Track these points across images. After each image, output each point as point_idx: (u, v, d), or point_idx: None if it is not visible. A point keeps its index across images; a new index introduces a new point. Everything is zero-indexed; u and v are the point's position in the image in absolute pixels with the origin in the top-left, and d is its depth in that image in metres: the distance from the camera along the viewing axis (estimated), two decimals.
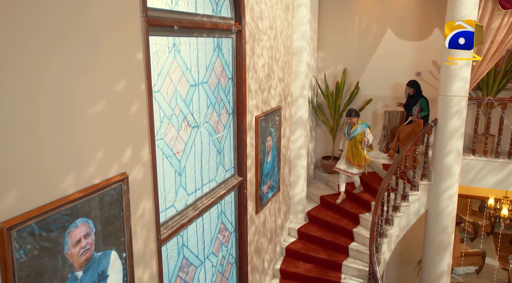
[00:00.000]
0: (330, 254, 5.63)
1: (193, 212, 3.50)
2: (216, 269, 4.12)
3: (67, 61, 2.08)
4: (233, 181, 4.25)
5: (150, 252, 2.89)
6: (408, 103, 6.35)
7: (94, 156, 2.30)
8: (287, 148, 6.00)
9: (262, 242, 5.16)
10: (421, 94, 6.28)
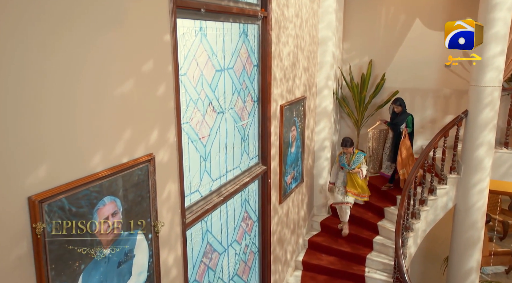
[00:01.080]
0: (354, 247, 5.54)
1: (217, 198, 3.49)
2: (239, 258, 4.11)
3: (99, 39, 2.09)
4: (257, 170, 4.22)
5: (175, 235, 2.89)
6: (396, 122, 5.87)
7: (122, 135, 2.31)
8: (311, 139, 5.93)
9: (285, 233, 5.11)
10: (406, 111, 5.89)
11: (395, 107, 5.89)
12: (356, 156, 5.37)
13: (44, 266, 1.87)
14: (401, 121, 5.81)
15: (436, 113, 7.02)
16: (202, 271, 3.44)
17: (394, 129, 5.93)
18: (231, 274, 3.96)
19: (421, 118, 7.07)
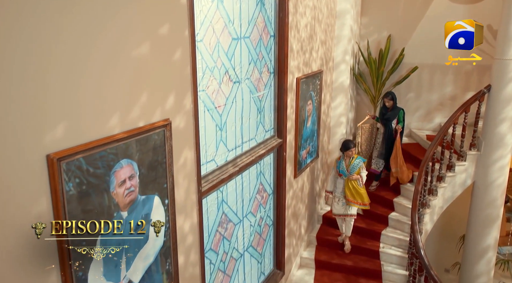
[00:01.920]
0: (369, 223, 5.51)
1: (233, 168, 3.47)
2: (254, 229, 4.12)
3: (115, 0, 2.04)
4: (272, 142, 4.18)
5: (191, 202, 2.89)
6: (388, 117, 5.59)
7: (138, 98, 2.29)
8: (327, 115, 5.85)
9: (300, 208, 5.11)
10: (397, 106, 5.66)
11: (386, 101, 5.58)
12: (355, 161, 4.93)
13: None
14: (393, 116, 5.55)
15: (456, 90, 6.84)
16: (217, 240, 3.46)
17: (385, 124, 5.62)
18: (246, 245, 3.99)
19: (440, 96, 6.91)
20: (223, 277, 3.62)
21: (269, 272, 4.60)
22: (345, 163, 4.98)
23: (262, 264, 4.40)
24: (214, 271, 3.46)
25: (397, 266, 5.12)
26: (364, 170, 4.98)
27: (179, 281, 2.80)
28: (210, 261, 3.36)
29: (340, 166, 5.02)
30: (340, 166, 5.02)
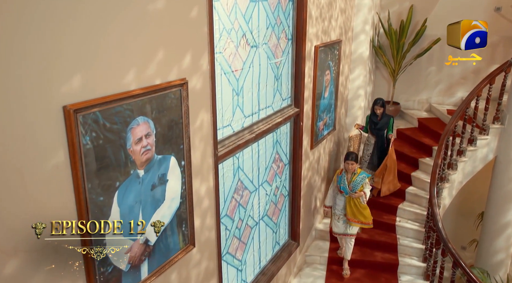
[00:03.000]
0: (385, 197, 5.43)
1: (249, 135, 3.43)
2: (270, 199, 4.10)
3: None
4: (289, 111, 4.10)
5: (208, 166, 2.87)
6: (380, 127, 5.15)
7: (155, 55, 2.23)
8: (345, 87, 5.72)
9: (315, 180, 5.06)
10: (386, 114, 5.22)
11: (377, 108, 5.11)
12: (358, 177, 4.38)
13: (81, 177, 1.87)
14: (384, 125, 5.15)
15: (480, 63, 6.55)
16: (233, 207, 3.45)
17: (377, 134, 5.21)
18: (262, 214, 3.98)
19: (462, 69, 6.68)
20: (238, 244, 3.63)
21: (284, 243, 4.60)
22: (346, 178, 4.44)
23: (277, 234, 4.39)
24: (229, 237, 3.47)
25: (413, 240, 5.07)
26: (368, 185, 4.45)
27: (195, 244, 2.80)
28: (225, 227, 3.36)
29: (341, 182, 4.45)
30: (341, 182, 4.45)
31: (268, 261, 4.26)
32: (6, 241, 1.63)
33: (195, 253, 2.86)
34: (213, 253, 3.09)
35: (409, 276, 4.82)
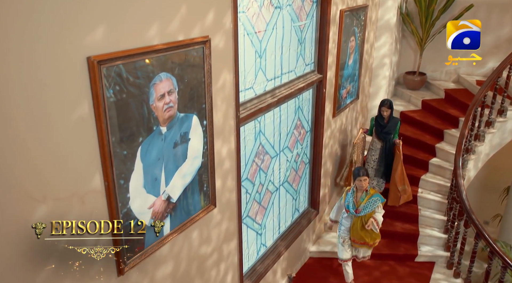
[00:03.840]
0: (408, 168, 5.32)
1: (271, 99, 3.39)
2: (290, 165, 4.09)
3: None
4: (312, 77, 4.02)
5: (229, 127, 2.86)
6: (387, 130, 4.71)
7: (178, 10, 2.19)
8: (370, 55, 5.55)
9: (337, 148, 5.01)
10: (393, 116, 4.79)
11: (384, 110, 4.66)
12: (370, 200, 3.81)
13: (105, 129, 1.89)
14: (393, 127, 4.71)
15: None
16: (254, 171, 3.46)
17: (384, 138, 4.77)
18: (282, 180, 3.98)
19: (495, 37, 6.35)
20: (258, 208, 3.66)
21: (304, 210, 4.62)
22: (355, 196, 3.87)
23: (297, 201, 4.41)
24: (250, 201, 3.49)
25: (435, 211, 5.01)
26: (381, 209, 3.88)
27: (216, 204, 2.84)
28: (246, 190, 3.38)
29: (349, 199, 3.88)
30: (349, 199, 3.88)
31: (288, 227, 4.30)
32: (36, 188, 1.68)
33: (216, 213, 2.90)
34: (233, 214, 3.13)
35: (429, 247, 4.79)
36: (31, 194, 1.66)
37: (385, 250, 4.72)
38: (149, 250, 2.32)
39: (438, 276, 4.51)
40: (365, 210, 3.82)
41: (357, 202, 3.85)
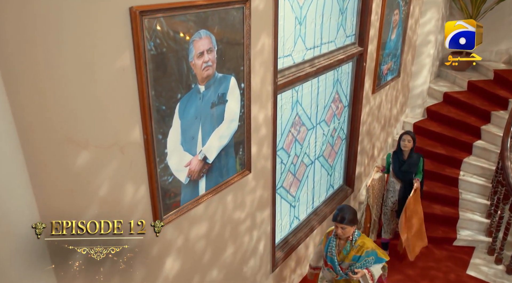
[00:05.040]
0: (450, 151, 5.14)
1: (310, 68, 3.32)
2: (327, 139, 4.02)
3: None
4: (352, 49, 3.90)
5: (267, 93, 2.83)
6: (406, 169, 3.91)
7: None
8: (414, 31, 5.32)
9: (375, 127, 4.87)
10: (415, 151, 3.98)
11: (405, 143, 3.86)
12: (364, 256, 2.85)
13: (145, 82, 1.91)
14: (413, 165, 3.90)
15: None
16: (289, 141, 3.42)
17: (403, 178, 3.94)
18: (317, 154, 3.92)
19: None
20: (292, 180, 3.63)
21: (338, 187, 4.55)
22: (337, 245, 2.94)
23: (332, 177, 4.34)
24: (284, 172, 3.47)
25: (477, 195, 4.79)
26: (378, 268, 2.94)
27: (251, 169, 2.83)
28: (281, 160, 3.36)
29: (329, 250, 2.96)
30: (329, 250, 2.96)
31: (321, 203, 4.25)
32: (79, 134, 1.73)
33: (251, 179, 2.90)
34: (268, 183, 3.12)
35: (469, 231, 4.61)
36: (74, 139, 1.71)
37: None
38: (184, 208, 2.36)
39: (478, 261, 4.34)
40: (353, 267, 2.89)
41: (339, 251, 2.92)
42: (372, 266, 2.89)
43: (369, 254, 2.87)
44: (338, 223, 2.82)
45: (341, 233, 2.83)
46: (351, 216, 2.81)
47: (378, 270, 2.93)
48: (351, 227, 2.81)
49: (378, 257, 2.90)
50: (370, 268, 2.90)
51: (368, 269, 2.89)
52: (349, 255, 2.89)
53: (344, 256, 2.91)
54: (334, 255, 2.94)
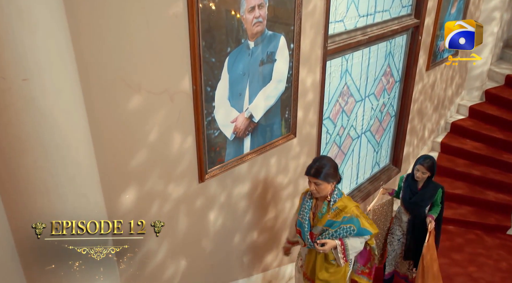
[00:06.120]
0: (508, 135, 4.82)
1: (362, 36, 3.21)
2: (375, 114, 3.90)
3: None
4: (408, 21, 3.73)
5: (316, 57, 2.78)
6: (416, 201, 2.99)
7: None
8: (477, 7, 4.99)
9: (427, 106, 4.66)
10: (433, 181, 3.00)
11: (420, 171, 2.92)
12: (343, 220, 2.23)
13: (197, 31, 1.93)
14: (427, 198, 2.99)
15: None
16: (336, 111, 3.36)
17: (412, 211, 3.05)
18: (365, 128, 3.82)
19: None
20: (337, 152, 3.57)
21: (384, 166, 4.41)
22: (313, 207, 2.34)
23: (378, 154, 4.22)
24: (329, 142, 3.42)
25: None
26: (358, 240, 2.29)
27: (296, 134, 2.81)
28: (327, 129, 3.31)
29: (304, 210, 2.35)
30: (304, 210, 2.35)
31: (366, 180, 4.15)
32: (132, 77, 1.79)
33: (295, 144, 2.89)
34: (312, 150, 3.09)
35: None
36: (127, 81, 1.77)
37: (472, 218, 4.36)
38: (229, 164, 2.40)
39: None
40: (327, 235, 2.25)
41: (314, 213, 2.32)
42: (349, 238, 2.25)
43: (348, 220, 2.22)
44: (311, 177, 2.21)
45: (316, 190, 2.21)
46: (329, 169, 2.19)
47: (356, 245, 2.27)
48: (328, 183, 2.20)
49: (361, 228, 2.24)
50: (345, 239, 2.24)
51: (341, 240, 2.24)
52: (323, 218, 2.25)
53: (318, 220, 2.28)
54: (306, 219, 2.30)
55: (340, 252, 2.26)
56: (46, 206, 1.50)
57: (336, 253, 2.28)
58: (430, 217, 2.97)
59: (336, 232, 2.24)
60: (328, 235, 2.25)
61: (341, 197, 2.28)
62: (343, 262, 2.31)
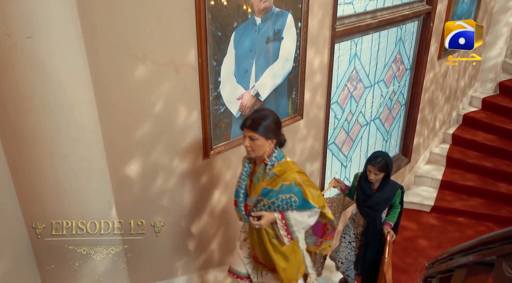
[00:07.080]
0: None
1: (371, 20, 3.18)
2: (384, 102, 3.85)
3: None
4: (419, 7, 3.68)
5: (324, 38, 2.76)
6: (371, 204, 2.57)
7: None
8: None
9: (438, 96, 4.59)
10: (390, 181, 2.60)
11: (372, 171, 2.49)
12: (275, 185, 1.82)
13: (203, 3, 1.93)
14: (383, 201, 2.59)
15: None
16: (345, 96, 3.33)
17: (366, 216, 2.65)
18: (374, 115, 3.78)
19: None
20: (345, 139, 3.54)
21: (394, 155, 4.36)
22: (251, 174, 1.97)
23: (387, 143, 4.17)
24: (337, 127, 3.39)
25: None
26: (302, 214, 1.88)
27: (303, 115, 2.80)
28: (335, 114, 3.28)
29: (240, 180, 1.97)
30: (240, 180, 1.97)
31: None
32: (137, 46, 1.79)
33: (302, 126, 2.87)
34: (319, 134, 3.07)
35: None
36: (133, 50, 1.78)
37: (483, 210, 4.28)
38: (234, 141, 2.39)
39: None
40: (263, 206, 1.86)
41: (252, 181, 1.93)
42: (291, 211, 1.84)
43: (287, 189, 1.81)
44: (247, 130, 1.77)
45: (250, 147, 1.78)
46: (270, 123, 1.77)
47: (302, 219, 1.86)
48: (267, 140, 1.78)
49: (303, 199, 1.82)
50: (286, 212, 1.83)
51: (282, 213, 1.83)
52: (258, 186, 1.86)
53: (254, 187, 1.88)
54: (242, 187, 1.91)
55: (282, 228, 1.84)
56: (49, 167, 1.51)
57: (278, 228, 1.85)
58: (388, 225, 2.58)
59: (274, 203, 1.81)
60: (264, 207, 1.83)
61: (282, 160, 1.85)
62: (288, 240, 1.87)
